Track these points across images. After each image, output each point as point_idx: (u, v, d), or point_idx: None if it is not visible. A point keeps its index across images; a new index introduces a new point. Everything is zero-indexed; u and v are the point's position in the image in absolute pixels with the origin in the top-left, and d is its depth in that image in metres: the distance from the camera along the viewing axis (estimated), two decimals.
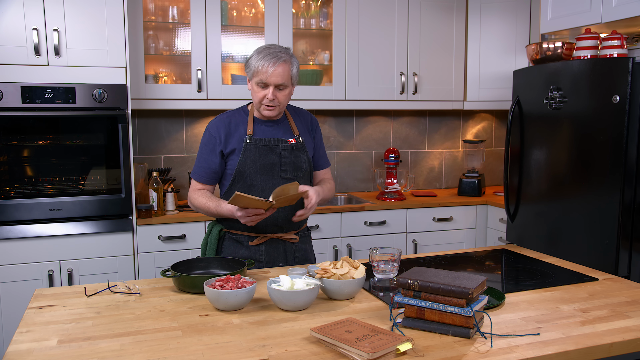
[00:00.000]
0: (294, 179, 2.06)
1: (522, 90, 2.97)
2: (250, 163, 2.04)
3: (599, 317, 1.54)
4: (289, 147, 2.08)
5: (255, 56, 1.99)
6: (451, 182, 4.25)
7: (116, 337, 1.41)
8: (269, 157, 2.05)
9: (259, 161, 2.04)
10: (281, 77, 1.96)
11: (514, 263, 2.16)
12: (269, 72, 1.94)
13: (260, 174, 2.05)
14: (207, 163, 2.08)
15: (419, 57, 3.69)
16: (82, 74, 2.83)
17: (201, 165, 2.09)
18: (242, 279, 1.64)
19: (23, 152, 2.85)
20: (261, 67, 1.95)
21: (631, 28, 2.83)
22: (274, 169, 2.06)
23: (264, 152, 2.05)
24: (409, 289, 1.45)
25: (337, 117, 3.91)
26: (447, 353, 1.30)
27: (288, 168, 2.07)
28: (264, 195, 2.03)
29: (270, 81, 1.96)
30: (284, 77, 1.97)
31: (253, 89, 2.02)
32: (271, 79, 1.95)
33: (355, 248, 3.38)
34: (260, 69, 1.95)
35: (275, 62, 1.95)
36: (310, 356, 1.29)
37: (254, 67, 1.98)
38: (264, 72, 1.95)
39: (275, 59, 1.95)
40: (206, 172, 2.09)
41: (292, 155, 2.08)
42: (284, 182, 2.04)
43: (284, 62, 1.97)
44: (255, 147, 2.04)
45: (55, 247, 2.82)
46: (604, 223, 2.47)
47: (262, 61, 1.95)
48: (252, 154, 2.04)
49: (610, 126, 2.44)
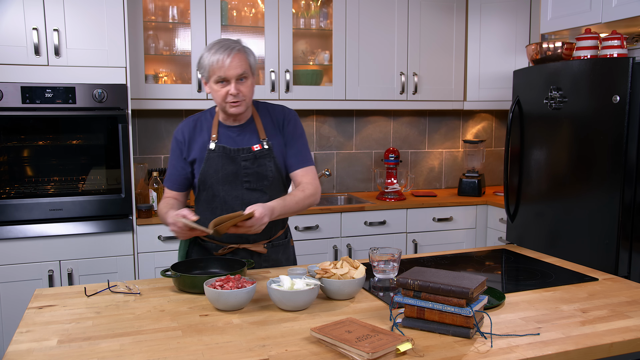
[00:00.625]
0: (259, 189, 1.96)
1: (522, 90, 2.97)
2: (212, 173, 1.93)
3: (599, 317, 1.54)
4: (252, 157, 1.94)
5: (206, 54, 1.86)
6: (451, 182, 4.25)
7: (116, 337, 1.41)
8: (231, 166, 1.93)
9: (221, 171, 1.93)
10: (240, 67, 1.83)
11: (514, 263, 2.16)
12: (226, 64, 1.81)
13: (222, 184, 1.94)
14: (175, 169, 2.00)
15: (419, 57, 3.69)
16: (82, 74, 2.83)
17: (171, 172, 2.01)
18: (242, 279, 1.64)
19: (23, 152, 2.85)
20: (216, 62, 1.82)
21: (631, 28, 2.83)
22: (237, 179, 1.94)
23: (226, 162, 1.93)
24: (409, 289, 1.45)
25: (337, 117, 3.91)
26: (447, 353, 1.30)
27: (251, 179, 1.95)
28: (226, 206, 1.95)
29: (230, 74, 1.82)
30: (243, 66, 1.84)
31: (213, 89, 1.88)
32: (230, 71, 1.82)
33: (355, 248, 3.38)
34: (215, 64, 1.82)
35: (230, 52, 1.82)
36: (310, 356, 1.29)
37: (208, 65, 1.84)
38: (220, 66, 1.81)
39: (229, 50, 1.82)
40: (176, 179, 2.00)
41: (255, 165, 1.94)
42: (247, 192, 1.95)
43: (239, 51, 1.84)
44: (218, 155, 1.93)
45: (55, 247, 2.82)
46: (604, 223, 2.47)
47: (216, 55, 1.82)
48: (214, 163, 1.93)
49: (610, 126, 2.44)
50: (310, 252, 3.27)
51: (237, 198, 1.95)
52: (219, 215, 1.93)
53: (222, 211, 1.96)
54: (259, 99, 3.37)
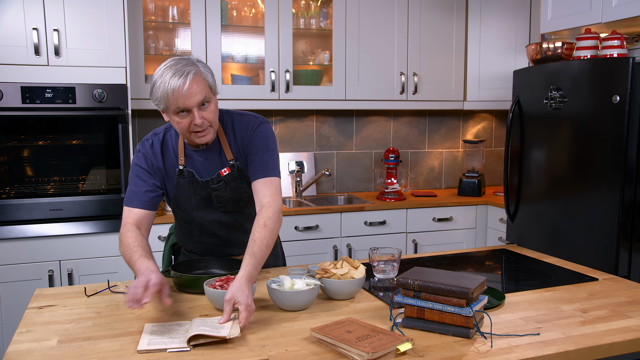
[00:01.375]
0: (236, 211, 1.86)
1: (522, 90, 2.97)
2: (184, 200, 1.82)
3: (599, 317, 1.54)
4: (222, 184, 1.79)
5: (159, 82, 1.61)
6: (451, 182, 4.25)
7: (116, 337, 1.41)
8: (203, 192, 1.80)
9: (193, 197, 1.81)
10: (200, 92, 1.61)
11: (514, 263, 2.16)
12: (184, 92, 1.58)
13: (197, 210, 1.83)
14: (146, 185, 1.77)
15: (419, 57, 3.69)
16: (82, 74, 2.83)
17: (138, 190, 1.75)
18: None
19: (23, 152, 2.85)
20: (172, 93, 1.59)
21: (631, 28, 2.83)
22: (211, 204, 1.83)
23: (197, 188, 1.80)
24: (409, 289, 1.45)
25: (337, 117, 3.91)
26: (447, 353, 1.30)
27: (226, 204, 1.83)
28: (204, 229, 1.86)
29: (190, 103, 1.60)
30: (203, 91, 1.62)
31: (173, 120, 1.66)
32: (189, 100, 1.60)
33: (355, 248, 3.38)
34: (171, 94, 1.59)
35: (185, 78, 1.59)
36: (310, 356, 1.29)
37: (162, 96, 1.61)
38: (178, 96, 1.59)
39: (184, 77, 1.58)
40: (146, 196, 1.76)
41: (227, 191, 1.80)
42: (224, 215, 1.84)
43: (195, 74, 1.61)
44: (188, 181, 1.79)
45: (55, 247, 2.82)
46: (604, 223, 2.47)
47: (170, 84, 1.58)
48: (185, 189, 1.80)
49: (610, 126, 2.44)
50: (310, 252, 3.27)
51: (214, 222, 1.86)
52: (197, 239, 1.92)
53: (200, 234, 1.90)
54: (259, 99, 3.39)
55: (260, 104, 3.40)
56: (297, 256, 3.23)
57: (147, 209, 1.76)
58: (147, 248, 1.65)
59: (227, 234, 1.90)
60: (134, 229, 1.70)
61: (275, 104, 3.41)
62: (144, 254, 1.60)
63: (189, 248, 1.99)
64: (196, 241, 1.94)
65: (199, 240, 1.93)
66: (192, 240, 1.95)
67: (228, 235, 1.91)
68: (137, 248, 1.62)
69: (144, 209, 1.76)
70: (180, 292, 1.76)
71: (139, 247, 1.63)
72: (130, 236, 1.67)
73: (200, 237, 1.92)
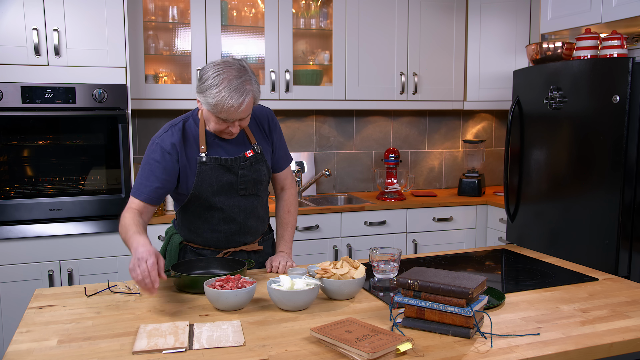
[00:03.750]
0: (253, 194, 1.94)
1: (522, 90, 2.97)
2: (206, 186, 1.85)
3: (599, 317, 1.54)
4: (247, 164, 1.89)
5: (215, 89, 1.69)
6: (451, 182, 4.25)
7: (116, 337, 1.41)
8: (226, 176, 1.87)
9: (216, 183, 1.86)
10: (247, 111, 1.75)
11: (514, 263, 2.16)
12: (238, 111, 1.72)
13: (218, 195, 1.88)
14: (159, 183, 1.81)
15: (419, 57, 3.69)
16: (82, 74, 2.83)
17: (150, 185, 1.81)
18: (242, 279, 1.64)
19: (23, 152, 2.85)
20: (227, 108, 1.70)
21: (631, 28, 2.83)
22: (233, 188, 1.89)
23: (221, 173, 1.86)
24: (409, 289, 1.45)
25: (337, 117, 3.91)
26: (447, 353, 1.30)
27: (248, 185, 1.92)
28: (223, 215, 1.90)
29: (235, 117, 1.75)
30: (250, 108, 1.76)
31: (211, 118, 1.78)
32: (236, 115, 1.74)
33: (355, 248, 3.38)
34: (226, 109, 1.70)
35: (243, 100, 1.70)
36: (310, 356, 1.29)
37: (215, 104, 1.70)
38: (231, 112, 1.71)
39: (242, 97, 1.70)
40: (158, 193, 1.82)
41: (251, 171, 1.91)
42: (243, 199, 1.92)
43: (250, 93, 1.72)
44: (210, 167, 1.85)
45: (55, 247, 2.82)
46: (604, 223, 2.47)
47: (229, 101, 1.68)
48: (207, 176, 1.85)
49: (610, 126, 2.44)
50: (310, 252, 3.27)
51: (234, 206, 1.92)
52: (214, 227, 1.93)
53: (218, 221, 1.93)
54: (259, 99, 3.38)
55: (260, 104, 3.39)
56: (297, 256, 3.23)
57: (153, 204, 1.85)
58: (141, 225, 1.74)
59: (244, 220, 1.96)
60: (133, 212, 1.80)
61: (275, 104, 3.41)
62: (137, 230, 1.69)
63: (201, 241, 1.97)
64: (212, 230, 1.94)
65: (216, 228, 1.94)
66: (207, 230, 1.94)
67: (245, 220, 1.96)
68: (132, 225, 1.72)
69: (150, 204, 1.84)
70: (180, 292, 1.76)
71: (134, 224, 1.72)
72: (127, 217, 1.77)
73: (218, 225, 1.93)
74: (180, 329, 1.43)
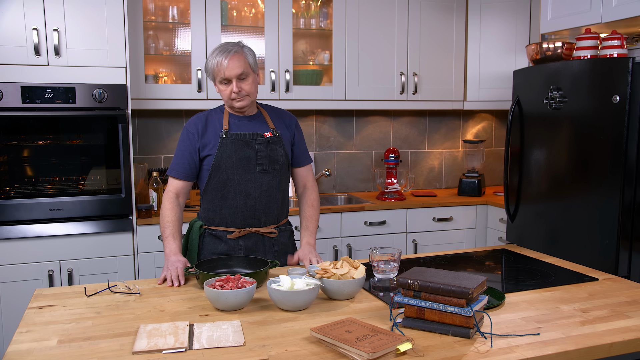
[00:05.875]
0: (270, 172, 2.10)
1: (522, 90, 2.97)
2: (226, 158, 2.05)
3: (599, 317, 1.54)
4: (265, 141, 2.09)
5: (210, 58, 2.04)
6: (451, 182, 4.25)
7: (116, 337, 1.41)
8: (245, 151, 2.07)
9: (235, 156, 2.06)
10: (239, 67, 2.00)
11: (514, 263, 2.16)
12: (224, 65, 1.99)
13: (236, 168, 2.06)
14: (184, 158, 2.08)
15: (419, 57, 3.69)
16: (82, 74, 2.83)
17: (180, 162, 2.09)
18: (242, 279, 1.64)
19: (23, 152, 2.85)
20: (216, 65, 2.00)
21: (631, 28, 2.83)
22: (250, 162, 2.07)
23: (240, 147, 2.07)
24: (409, 289, 1.45)
25: (337, 117, 3.91)
26: (447, 353, 1.31)
27: (264, 162, 2.09)
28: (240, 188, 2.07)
29: (230, 74, 2.00)
30: (242, 66, 2.01)
31: (220, 89, 2.07)
32: (229, 72, 1.99)
33: (355, 248, 3.38)
34: (216, 67, 2.00)
35: (227, 55, 1.99)
36: (310, 356, 1.29)
37: (211, 69, 2.03)
38: (220, 68, 2.00)
39: (226, 53, 2.00)
40: (184, 167, 2.08)
41: (268, 149, 2.09)
42: (259, 175, 2.08)
43: (236, 52, 2.01)
44: (231, 141, 2.06)
45: (55, 247, 2.82)
46: (604, 223, 2.47)
47: (216, 59, 2.00)
48: (228, 148, 2.05)
49: (610, 126, 2.44)
50: None
51: (250, 181, 2.07)
52: (230, 202, 2.08)
53: (235, 195, 2.07)
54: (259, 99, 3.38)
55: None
56: None
57: (187, 180, 2.09)
58: (177, 224, 2.03)
59: (259, 196, 2.09)
60: (173, 199, 2.07)
61: (275, 104, 3.37)
62: (172, 232, 2.00)
63: (219, 220, 2.10)
64: (230, 206, 2.08)
65: (232, 204, 2.08)
66: (225, 207, 2.08)
67: (260, 197, 2.09)
68: (169, 224, 2.02)
69: (184, 180, 2.09)
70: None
71: (170, 223, 2.02)
72: (167, 207, 2.05)
73: (234, 199, 2.07)
74: (180, 329, 1.43)
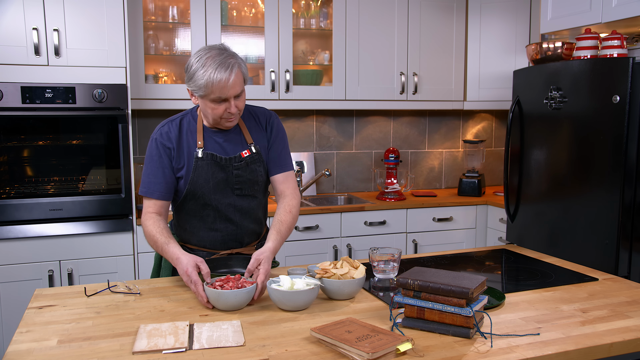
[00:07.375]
0: (250, 195, 1.93)
1: (522, 90, 2.97)
2: (202, 183, 1.85)
3: (599, 317, 1.54)
4: (243, 164, 1.88)
5: (201, 70, 1.72)
6: (451, 182, 4.25)
7: (116, 337, 1.41)
8: (221, 174, 1.86)
9: (211, 180, 1.86)
10: (239, 84, 1.76)
11: (514, 263, 2.16)
12: (229, 85, 1.72)
13: (213, 193, 1.87)
14: (164, 177, 1.84)
15: (419, 57, 3.69)
16: (82, 74, 2.83)
17: (156, 181, 1.84)
18: (242, 279, 1.64)
19: (23, 152, 2.85)
20: (217, 83, 1.71)
21: (631, 28, 2.83)
22: (228, 186, 1.88)
23: (216, 170, 1.86)
24: (409, 289, 1.45)
25: (337, 117, 3.91)
26: (447, 353, 1.30)
27: (244, 186, 1.90)
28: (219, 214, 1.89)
29: (231, 94, 1.75)
30: (241, 82, 1.77)
31: (207, 105, 1.78)
32: (231, 91, 1.74)
33: (355, 248, 3.38)
34: (216, 84, 1.71)
35: (231, 71, 1.72)
36: (310, 356, 1.29)
37: (206, 84, 1.72)
38: (223, 86, 1.72)
39: (229, 70, 1.72)
40: (162, 188, 1.85)
41: (246, 172, 1.89)
42: (239, 199, 1.90)
43: (238, 68, 1.75)
44: (207, 163, 1.85)
45: (55, 247, 2.82)
46: (604, 223, 2.47)
47: (217, 75, 1.70)
48: (203, 172, 1.85)
49: (610, 126, 2.44)
50: (310, 252, 3.27)
51: (230, 205, 1.91)
52: (209, 226, 1.91)
53: (214, 220, 1.91)
54: (259, 99, 3.39)
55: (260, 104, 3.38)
56: (297, 256, 3.23)
57: (167, 199, 1.88)
58: (165, 232, 1.80)
59: (241, 220, 1.93)
60: (152, 216, 1.84)
61: (275, 104, 3.41)
62: (166, 240, 1.77)
63: (197, 241, 1.95)
64: (208, 229, 1.92)
65: (212, 227, 1.92)
66: (203, 229, 1.93)
67: (241, 221, 1.94)
68: (158, 235, 1.78)
69: (165, 200, 1.87)
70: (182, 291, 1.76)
71: (158, 233, 1.79)
72: (149, 225, 1.81)
73: (213, 224, 1.92)
74: (180, 329, 1.43)
